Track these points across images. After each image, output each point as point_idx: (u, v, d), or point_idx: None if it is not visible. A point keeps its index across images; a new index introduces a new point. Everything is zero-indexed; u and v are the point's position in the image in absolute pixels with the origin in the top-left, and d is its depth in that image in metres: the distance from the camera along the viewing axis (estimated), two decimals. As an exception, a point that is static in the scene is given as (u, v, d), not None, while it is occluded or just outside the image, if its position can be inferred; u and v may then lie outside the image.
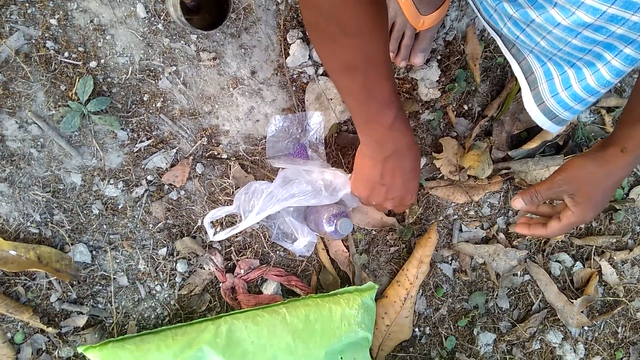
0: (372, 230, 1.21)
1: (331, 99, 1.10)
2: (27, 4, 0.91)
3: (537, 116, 0.81)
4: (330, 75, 0.88)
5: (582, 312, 1.39)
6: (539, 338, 1.39)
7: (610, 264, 1.43)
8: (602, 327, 1.46)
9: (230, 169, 1.08)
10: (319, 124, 1.11)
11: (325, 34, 0.71)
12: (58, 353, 1.01)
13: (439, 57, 1.18)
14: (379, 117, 0.82)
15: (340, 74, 0.78)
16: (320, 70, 1.10)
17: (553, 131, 0.83)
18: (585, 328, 1.44)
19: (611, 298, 1.46)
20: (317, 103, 1.10)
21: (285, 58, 1.08)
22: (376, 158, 0.90)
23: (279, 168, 1.09)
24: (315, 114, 1.11)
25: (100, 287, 1.04)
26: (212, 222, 1.05)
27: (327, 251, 1.18)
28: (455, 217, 1.29)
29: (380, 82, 0.77)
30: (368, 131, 0.87)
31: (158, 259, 1.06)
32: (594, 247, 1.43)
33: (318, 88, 1.10)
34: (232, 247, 1.10)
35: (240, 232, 1.08)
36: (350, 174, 1.03)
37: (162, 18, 0.98)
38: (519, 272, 1.36)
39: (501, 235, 1.33)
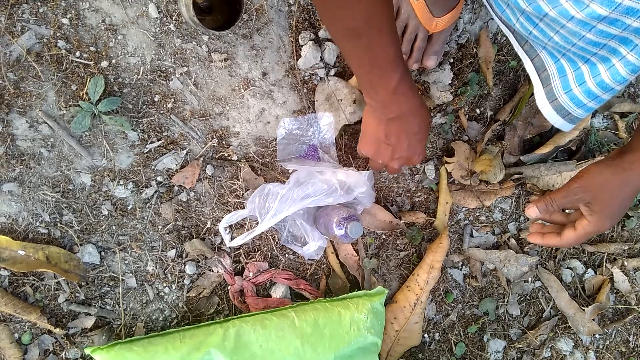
0: (382, 234, 1.20)
1: (341, 100, 1.09)
2: (39, 3, 0.91)
3: (549, 113, 0.79)
4: (333, 39, 0.87)
5: (593, 319, 1.37)
6: (550, 345, 1.37)
7: (622, 272, 1.42)
8: (613, 335, 1.44)
9: (240, 171, 1.07)
10: (329, 125, 1.10)
11: (330, 0, 0.70)
12: (65, 354, 1.01)
13: (452, 60, 1.17)
14: (383, 81, 0.81)
15: (344, 38, 0.77)
16: (332, 72, 1.10)
17: (565, 129, 0.81)
18: (597, 336, 1.42)
19: (623, 306, 1.44)
20: (327, 104, 1.09)
21: (297, 60, 1.07)
22: (380, 118, 0.91)
23: (289, 170, 1.08)
24: (325, 115, 1.10)
25: (109, 289, 1.03)
26: (225, 227, 1.04)
27: (337, 255, 1.17)
28: (466, 222, 1.28)
29: (384, 46, 0.76)
30: (372, 94, 0.87)
31: (167, 261, 1.05)
32: (606, 254, 1.41)
33: (328, 89, 1.09)
34: (241, 250, 1.10)
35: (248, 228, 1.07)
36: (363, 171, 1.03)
37: (174, 18, 0.98)
38: (529, 279, 1.35)
39: (512, 241, 1.31)
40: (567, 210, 0.98)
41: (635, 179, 0.80)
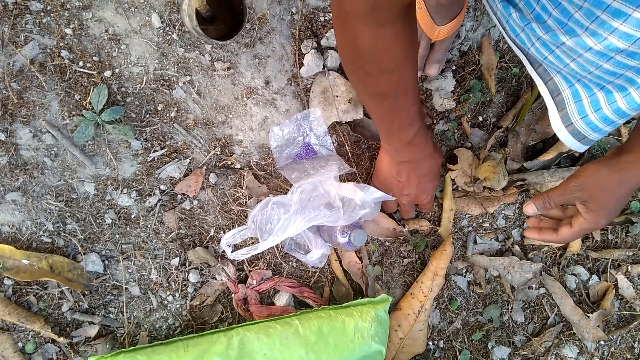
0: (385, 241, 1.20)
1: (337, 96, 1.09)
2: (42, 14, 0.91)
3: (565, 137, 0.79)
4: (359, 97, 0.91)
5: (598, 326, 1.36)
6: (555, 352, 1.37)
7: (627, 278, 1.41)
8: (618, 341, 1.44)
9: (243, 179, 1.07)
10: (319, 118, 1.10)
11: (362, 70, 0.75)
12: (69, 363, 1.01)
13: (454, 68, 1.17)
14: (400, 134, 0.87)
15: (371, 99, 0.82)
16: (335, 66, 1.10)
17: (580, 151, 0.82)
18: (602, 342, 1.41)
19: (628, 312, 1.44)
20: (322, 97, 1.09)
21: (300, 68, 1.07)
22: (394, 159, 0.98)
23: (292, 177, 1.08)
24: (311, 111, 1.09)
25: (112, 297, 1.03)
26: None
27: (340, 262, 1.17)
28: (470, 228, 1.27)
29: (407, 106, 0.81)
30: (388, 141, 0.92)
31: (170, 269, 1.05)
32: (610, 260, 1.40)
33: (326, 82, 1.09)
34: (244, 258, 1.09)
35: (252, 241, 1.07)
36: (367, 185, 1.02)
37: (176, 28, 0.98)
38: (534, 285, 1.34)
39: (516, 248, 1.31)
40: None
41: (632, 178, 0.81)
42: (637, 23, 0.53)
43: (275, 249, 1.11)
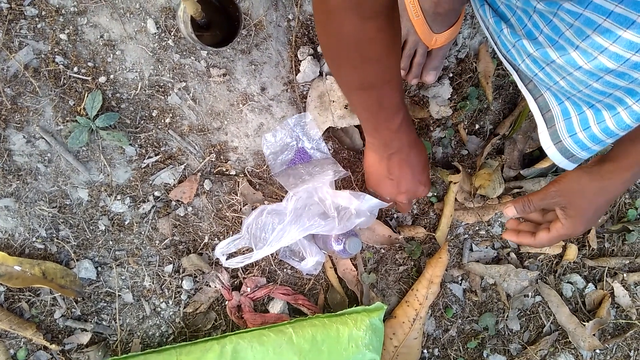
0: (380, 248, 1.19)
1: (333, 102, 1.08)
2: (37, 19, 0.91)
3: (553, 155, 0.79)
4: (343, 92, 0.90)
5: (594, 334, 1.36)
6: (550, 361, 1.36)
7: (623, 286, 1.41)
8: (614, 350, 1.43)
9: (238, 186, 1.06)
10: (311, 122, 1.09)
11: (345, 61, 0.75)
12: (61, 370, 1.00)
13: (451, 75, 1.17)
14: (388, 123, 0.86)
15: (356, 91, 0.81)
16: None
17: (568, 169, 0.81)
18: (597, 351, 1.41)
19: (624, 321, 1.43)
20: (319, 101, 1.08)
21: (296, 74, 1.06)
22: (382, 155, 0.95)
23: (287, 184, 1.07)
24: (302, 115, 1.09)
25: (105, 304, 1.02)
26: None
27: (335, 270, 1.17)
28: (466, 236, 1.27)
29: (392, 94, 0.81)
30: (375, 134, 0.91)
31: (164, 276, 1.05)
32: (607, 268, 1.40)
33: (323, 87, 1.08)
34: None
35: (246, 248, 1.07)
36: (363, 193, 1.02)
37: (172, 34, 0.97)
38: (530, 293, 1.34)
39: (512, 256, 1.31)
40: None
41: (612, 187, 0.81)
42: (627, 44, 0.53)
43: (269, 256, 1.11)
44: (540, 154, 1.28)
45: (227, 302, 1.08)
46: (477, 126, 1.23)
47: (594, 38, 0.55)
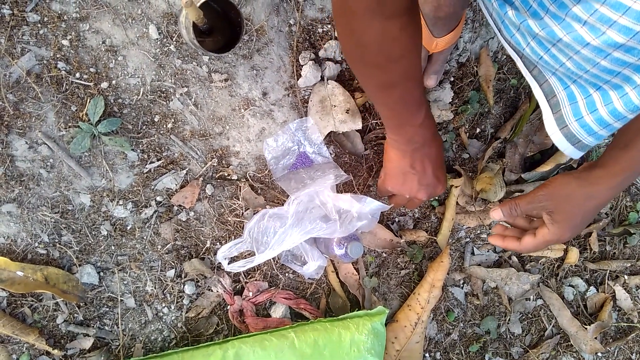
0: (382, 252, 1.20)
1: (334, 106, 1.09)
2: (39, 25, 0.91)
3: (559, 140, 0.77)
4: (367, 92, 0.91)
5: (595, 338, 1.36)
6: (552, 364, 1.36)
7: (625, 289, 1.41)
8: (615, 353, 1.43)
9: (240, 190, 1.07)
10: (313, 127, 1.09)
11: (369, 62, 0.74)
12: (63, 376, 1.00)
13: (452, 79, 1.17)
14: (412, 119, 0.86)
15: (380, 91, 0.81)
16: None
17: (575, 157, 0.79)
18: (599, 354, 1.41)
19: (625, 324, 1.43)
20: (320, 106, 1.08)
21: (297, 79, 1.07)
22: (405, 151, 0.93)
23: (289, 188, 1.08)
24: (304, 120, 1.09)
25: (107, 309, 1.03)
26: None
27: (337, 274, 1.17)
28: (467, 240, 1.27)
29: (414, 90, 0.81)
30: (400, 131, 0.90)
31: (166, 281, 1.05)
32: (608, 271, 1.40)
33: (325, 91, 1.08)
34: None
35: (248, 252, 1.07)
36: (363, 196, 1.02)
37: (174, 39, 0.98)
38: (531, 297, 1.34)
39: (514, 259, 1.31)
40: None
41: (600, 193, 0.79)
42: (637, 15, 0.51)
43: (271, 260, 1.11)
44: (542, 158, 1.28)
45: (229, 307, 1.09)
46: (478, 130, 1.23)
47: (602, 11, 0.54)
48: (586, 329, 1.34)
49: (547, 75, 0.75)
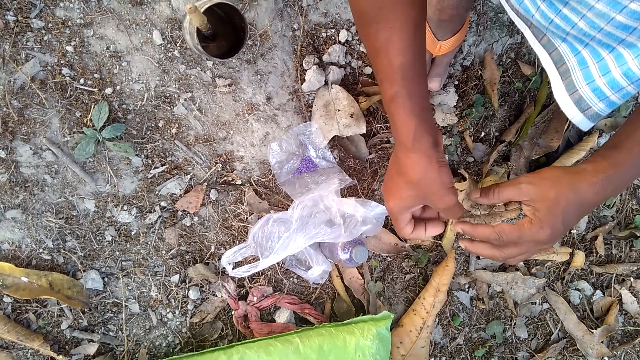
0: (387, 257, 1.19)
1: (338, 110, 1.08)
2: (43, 31, 0.91)
3: (567, 106, 0.72)
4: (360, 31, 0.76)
5: (602, 342, 1.35)
6: (558, 369, 1.35)
7: (631, 293, 1.40)
8: (622, 357, 1.42)
9: (244, 195, 1.06)
10: (317, 131, 1.09)
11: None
12: (68, 381, 1.00)
13: (456, 82, 1.16)
14: (382, 88, 0.71)
15: (358, 21, 0.71)
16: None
17: (583, 127, 0.75)
18: (606, 359, 1.40)
19: (632, 328, 1.42)
20: (324, 110, 1.08)
21: (301, 84, 1.07)
22: (394, 150, 0.76)
23: (293, 193, 1.07)
24: (308, 124, 1.09)
25: (112, 315, 1.02)
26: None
27: (342, 279, 1.16)
28: (472, 244, 1.26)
29: (390, 49, 0.68)
30: (383, 98, 0.73)
31: (170, 286, 1.05)
32: (614, 275, 1.39)
33: (328, 96, 1.08)
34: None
35: (252, 257, 1.07)
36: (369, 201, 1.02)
37: (178, 45, 0.98)
38: (537, 301, 1.33)
39: (519, 263, 1.30)
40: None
41: (583, 189, 0.73)
42: None
43: (276, 265, 1.11)
44: (547, 161, 1.28)
45: (233, 312, 1.08)
46: (483, 133, 1.23)
47: None
48: (592, 333, 1.34)
49: (557, 42, 0.72)
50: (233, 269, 1.02)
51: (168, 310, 1.05)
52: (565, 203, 0.74)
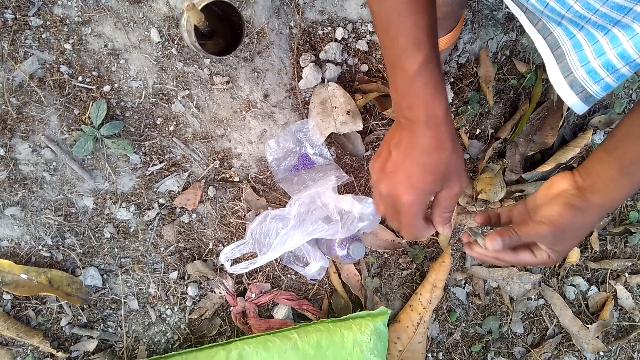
0: (384, 253, 1.20)
1: (335, 107, 1.09)
2: (41, 29, 0.92)
3: (562, 89, 0.72)
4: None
5: (597, 337, 1.36)
6: (554, 363, 1.37)
7: (626, 288, 1.41)
8: (618, 352, 1.43)
9: (242, 192, 1.07)
10: (314, 128, 1.10)
11: None
12: (67, 378, 1.01)
13: (452, 80, 1.17)
14: (402, 60, 0.63)
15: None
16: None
17: (578, 111, 0.75)
18: (601, 353, 1.41)
19: (627, 323, 1.44)
20: (321, 107, 1.09)
21: (298, 81, 1.07)
22: (396, 119, 0.69)
23: (291, 190, 1.08)
24: (305, 122, 1.09)
25: (111, 311, 1.03)
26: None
27: (339, 275, 1.17)
28: (468, 240, 1.27)
29: (411, 14, 0.62)
30: (391, 78, 0.67)
31: (169, 283, 1.05)
32: (609, 270, 1.40)
33: (325, 93, 1.09)
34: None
35: (251, 254, 1.07)
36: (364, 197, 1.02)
37: (175, 42, 0.98)
38: (533, 296, 1.34)
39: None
40: None
41: (596, 220, 0.74)
42: None
43: (274, 261, 1.11)
44: (542, 157, 1.29)
45: (232, 308, 1.09)
46: (478, 130, 1.24)
47: None
48: (588, 328, 1.35)
49: (552, 27, 0.72)
50: (231, 265, 1.03)
51: (167, 307, 1.06)
52: (579, 238, 0.75)
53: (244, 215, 1.08)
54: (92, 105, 0.95)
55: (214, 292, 1.08)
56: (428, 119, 0.64)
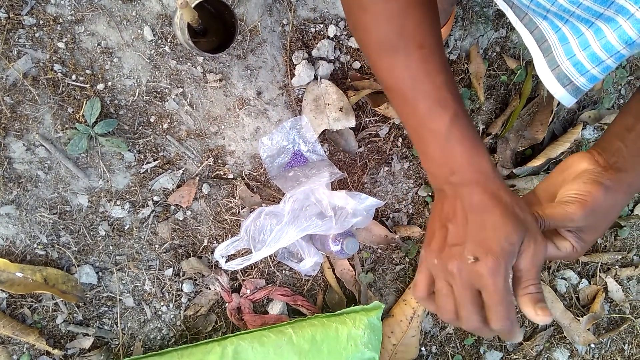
0: (377, 248, 1.21)
1: (328, 104, 1.10)
2: (35, 28, 0.92)
3: (549, 82, 0.72)
4: (369, 60, 0.68)
5: (588, 329, 1.38)
6: (546, 356, 1.38)
7: (616, 281, 1.43)
8: (608, 344, 1.45)
9: (236, 189, 1.08)
10: (307, 125, 1.11)
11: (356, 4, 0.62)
12: (64, 375, 1.01)
13: (443, 76, 1.18)
14: (430, 122, 0.60)
15: (376, 55, 0.63)
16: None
17: (566, 104, 0.75)
18: (592, 345, 1.43)
19: (617, 315, 1.46)
20: (314, 104, 1.10)
21: (291, 78, 1.08)
22: (437, 189, 0.63)
23: (285, 186, 1.09)
24: (298, 119, 1.10)
25: (106, 309, 1.03)
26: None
27: (333, 270, 1.18)
28: (461, 235, 1.28)
29: (429, 70, 0.60)
30: (420, 147, 0.63)
31: (164, 280, 1.06)
32: (600, 263, 1.42)
33: (318, 90, 1.10)
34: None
35: (245, 250, 1.08)
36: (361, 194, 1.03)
37: (169, 40, 0.99)
38: (524, 290, 1.35)
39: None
40: None
41: (626, 199, 0.70)
42: None
43: (268, 257, 1.12)
44: (532, 153, 1.30)
45: (227, 304, 1.10)
46: (469, 126, 1.25)
47: None
48: (579, 320, 1.37)
49: (538, 21, 0.74)
50: (226, 262, 1.03)
51: (162, 304, 1.07)
52: (607, 220, 0.69)
53: (238, 212, 1.09)
54: (86, 103, 0.95)
55: (209, 289, 1.09)
56: (477, 176, 0.57)
